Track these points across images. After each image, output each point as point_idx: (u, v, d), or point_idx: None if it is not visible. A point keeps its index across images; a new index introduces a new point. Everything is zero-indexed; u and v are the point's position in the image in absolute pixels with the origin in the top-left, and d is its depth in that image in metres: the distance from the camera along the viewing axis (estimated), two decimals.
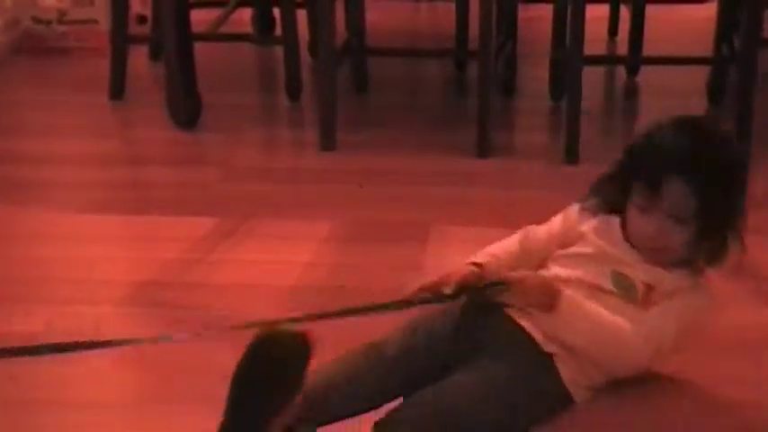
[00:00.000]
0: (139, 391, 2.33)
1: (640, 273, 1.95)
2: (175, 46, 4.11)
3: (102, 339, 1.68)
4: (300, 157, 4.16)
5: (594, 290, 1.95)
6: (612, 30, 5.14)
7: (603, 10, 4.98)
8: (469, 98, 4.30)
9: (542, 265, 2.13)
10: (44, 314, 2.72)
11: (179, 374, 1.71)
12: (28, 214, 3.44)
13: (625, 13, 4.86)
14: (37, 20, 5.03)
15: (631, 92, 4.85)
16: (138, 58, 4.72)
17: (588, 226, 2.13)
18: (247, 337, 1.63)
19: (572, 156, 3.88)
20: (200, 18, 4.39)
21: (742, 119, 3.79)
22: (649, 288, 1.93)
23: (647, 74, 4.77)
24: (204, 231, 3.26)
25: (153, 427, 2.11)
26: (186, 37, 4.16)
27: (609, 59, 5.02)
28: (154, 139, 4.31)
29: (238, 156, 4.08)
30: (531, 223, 2.69)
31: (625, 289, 1.93)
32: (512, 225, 3.47)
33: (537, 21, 4.87)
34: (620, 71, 4.86)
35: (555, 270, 2.05)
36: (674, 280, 1.94)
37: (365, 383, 1.88)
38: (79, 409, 2.25)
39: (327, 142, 4.07)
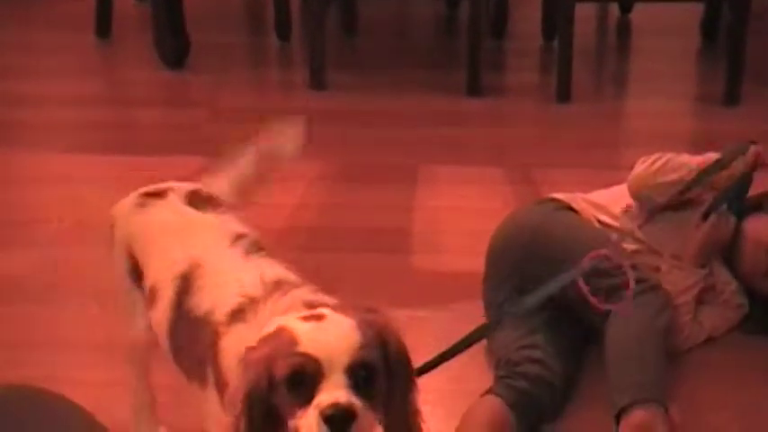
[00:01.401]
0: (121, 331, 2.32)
1: None
2: None
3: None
4: (289, 98, 4.11)
5: None
6: None
7: None
8: (460, 38, 4.25)
9: None
10: (31, 256, 2.70)
11: None
12: (14, 155, 3.40)
13: None
14: None
15: (624, 30, 4.80)
16: None
17: None
18: None
19: (564, 95, 3.85)
20: None
21: (734, 57, 3.77)
22: None
23: (640, 12, 4.72)
24: (191, 172, 3.21)
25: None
26: None
27: None
28: (141, 79, 4.26)
29: (226, 96, 4.04)
30: (521, 163, 2.66)
31: None
32: (502, 164, 3.47)
33: None
34: (614, 9, 4.80)
35: None
36: None
37: None
38: (69, 349, 2.24)
39: (317, 83, 4.03)
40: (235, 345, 1.25)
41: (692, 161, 2.21)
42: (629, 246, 2.19)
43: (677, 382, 2.09)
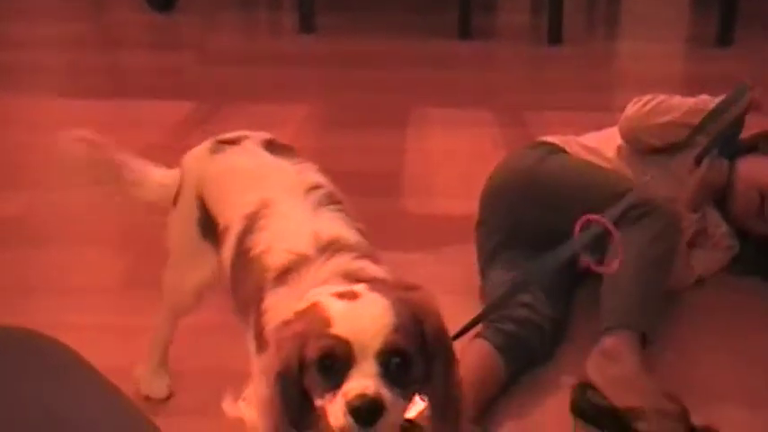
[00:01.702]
0: (124, 277, 2.32)
1: None
2: None
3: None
4: (279, 40, 4.08)
5: None
6: None
7: None
8: None
9: None
10: (23, 199, 2.68)
11: (163, 259, 1.71)
12: (1, 99, 3.37)
13: None
14: None
15: None
16: None
17: None
18: None
19: (555, 37, 3.82)
20: None
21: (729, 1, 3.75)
22: None
23: None
24: (181, 116, 3.21)
25: (136, 310, 2.10)
26: None
27: None
28: (128, 21, 4.22)
29: (215, 39, 4.00)
30: (513, 105, 2.65)
31: None
32: (493, 107, 3.46)
33: None
34: None
35: None
36: None
37: None
38: (67, 293, 2.24)
39: (306, 25, 3.99)
40: (274, 307, 1.24)
41: (685, 103, 2.20)
42: None
43: (669, 324, 2.11)
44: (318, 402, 1.16)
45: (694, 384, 1.93)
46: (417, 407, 1.74)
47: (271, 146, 1.56)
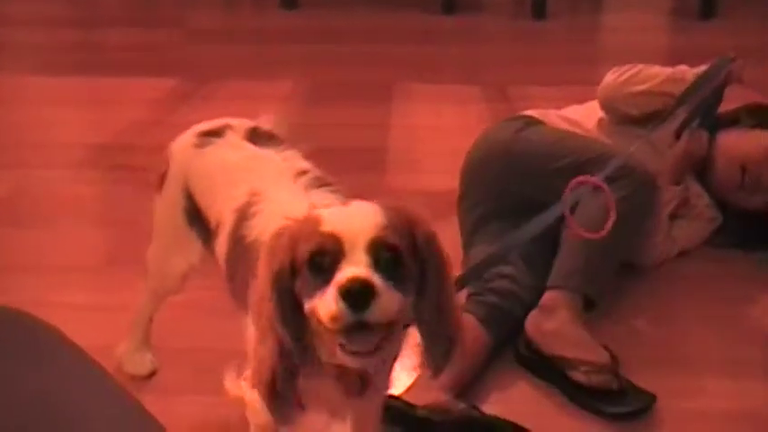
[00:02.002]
0: (107, 255, 2.31)
1: None
2: None
3: None
4: (261, 16, 4.05)
5: None
6: None
7: None
8: None
9: None
10: (4, 178, 2.66)
11: (145, 238, 1.70)
12: None
13: None
14: None
15: None
16: None
17: None
18: None
19: (539, 11, 3.81)
20: None
21: None
22: None
23: None
24: (163, 93, 3.19)
25: (119, 288, 2.09)
26: None
27: None
28: None
29: (197, 15, 3.97)
30: (497, 80, 2.63)
31: None
32: (478, 82, 3.45)
33: None
34: None
35: None
36: None
37: None
38: (50, 272, 2.23)
39: (289, 1, 3.97)
40: None
41: (663, 72, 2.20)
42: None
43: (654, 295, 2.12)
44: (308, 305, 1.15)
45: (677, 354, 1.94)
46: (404, 382, 1.75)
47: (254, 135, 1.54)
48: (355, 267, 1.11)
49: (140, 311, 1.82)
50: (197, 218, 1.54)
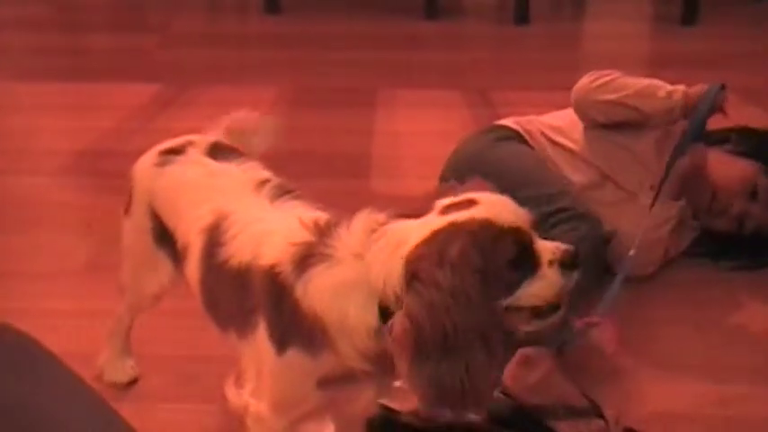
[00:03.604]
0: (87, 261, 2.29)
1: None
2: None
3: None
4: (244, 22, 4.04)
5: None
6: None
7: None
8: None
9: None
10: None
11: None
12: None
13: None
14: None
15: None
16: None
17: None
18: None
19: (522, 16, 3.81)
20: None
21: None
22: None
23: None
24: (144, 99, 3.17)
25: (99, 295, 2.07)
26: None
27: None
28: (91, 2, 4.15)
29: (180, 20, 3.95)
30: (480, 86, 2.63)
31: None
32: (461, 87, 3.45)
33: None
34: None
35: None
36: None
37: None
38: (29, 278, 2.21)
39: (272, 6, 3.96)
40: (319, 289, 1.19)
41: (635, 85, 2.19)
42: (587, 178, 2.20)
43: (635, 300, 2.12)
44: (508, 302, 1.17)
45: (660, 358, 1.95)
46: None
47: (215, 150, 1.54)
48: (552, 245, 1.19)
49: (118, 321, 1.81)
50: (165, 238, 1.53)
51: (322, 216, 1.31)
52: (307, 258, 1.22)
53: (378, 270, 1.16)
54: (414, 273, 1.13)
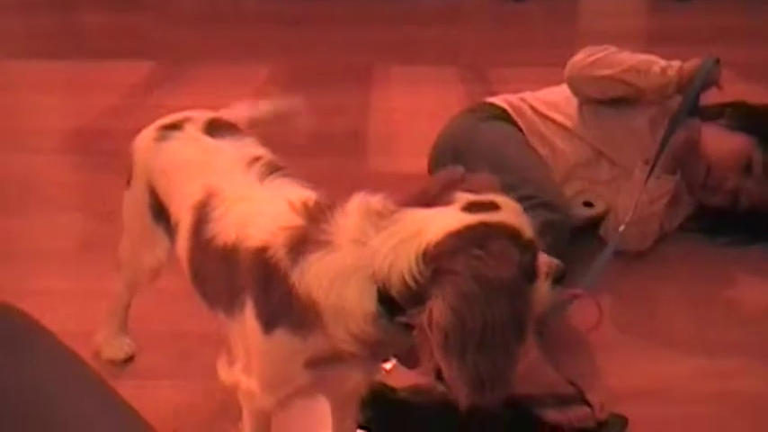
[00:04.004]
0: (83, 241, 2.30)
1: None
2: None
3: None
4: (239, 0, 4.02)
5: None
6: None
7: None
8: None
9: None
10: None
11: (122, 222, 1.69)
12: None
13: None
14: None
15: None
16: None
17: None
18: None
19: None
20: None
21: None
22: None
23: None
24: (140, 77, 3.16)
25: (95, 274, 2.08)
26: None
27: None
28: None
29: None
30: (476, 62, 2.62)
31: None
32: (457, 64, 3.44)
33: None
34: None
35: None
36: None
37: None
38: (28, 258, 2.22)
39: None
40: (319, 274, 1.19)
41: (628, 61, 2.18)
42: (582, 155, 2.21)
43: (629, 275, 2.13)
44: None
45: (654, 334, 1.96)
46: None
47: (213, 126, 1.54)
48: (543, 255, 1.23)
49: (116, 299, 1.82)
50: (163, 214, 1.54)
51: (311, 197, 1.31)
52: (302, 244, 1.23)
53: (384, 257, 1.17)
54: (446, 265, 1.14)
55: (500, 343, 1.15)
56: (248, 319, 1.29)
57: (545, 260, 1.22)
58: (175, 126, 1.55)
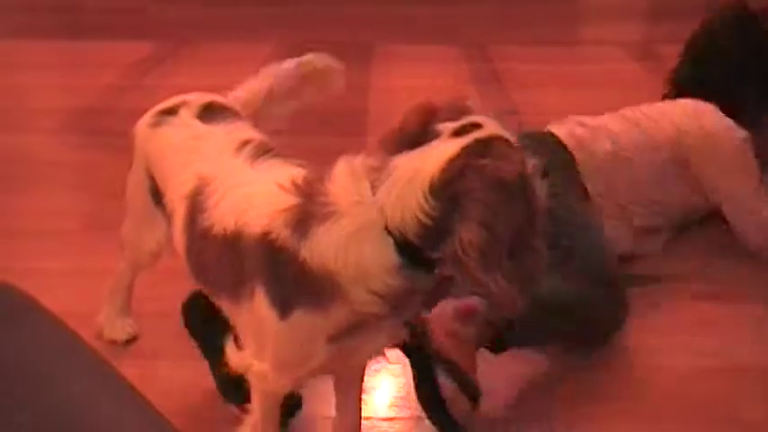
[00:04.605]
0: (86, 220, 2.29)
1: None
2: None
3: None
4: None
5: None
6: None
7: None
8: None
9: None
10: None
11: (124, 203, 1.69)
12: None
13: None
14: None
15: None
16: None
17: None
18: None
19: None
20: None
21: None
22: None
23: None
24: (139, 56, 3.15)
25: (98, 253, 2.08)
26: None
27: None
28: None
29: None
30: (477, 40, 2.61)
31: None
32: (458, 42, 3.43)
33: None
34: None
35: None
36: None
37: None
38: (28, 237, 2.21)
39: None
40: (338, 240, 1.19)
41: None
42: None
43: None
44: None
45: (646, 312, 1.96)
46: None
47: (208, 111, 1.53)
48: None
49: (119, 279, 1.82)
50: (161, 198, 1.53)
51: (299, 174, 1.31)
52: (305, 221, 1.22)
53: (393, 206, 1.17)
54: (460, 187, 1.16)
55: (528, 240, 1.19)
56: (260, 307, 1.28)
57: (530, 161, 1.21)
58: (171, 111, 1.55)
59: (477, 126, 1.21)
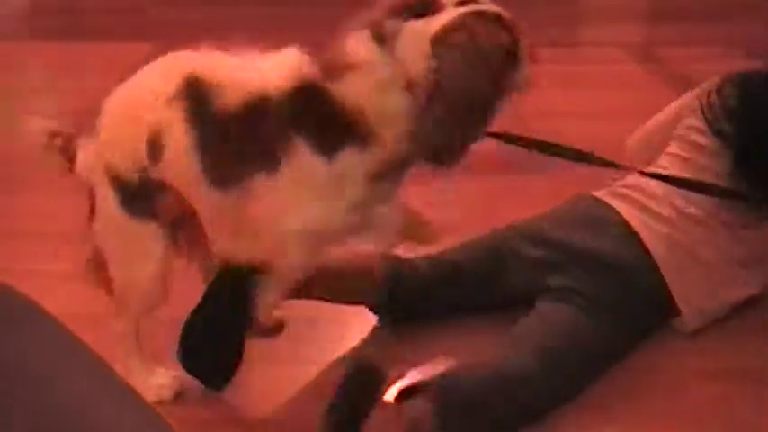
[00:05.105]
0: (85, 222, 2.29)
1: None
2: None
3: None
4: None
5: None
6: None
7: None
8: None
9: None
10: None
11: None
12: None
13: None
14: None
15: None
16: None
17: None
18: None
19: None
20: None
21: None
22: None
23: None
24: (140, 58, 3.14)
25: None
26: None
27: None
28: None
29: None
30: None
31: None
32: None
33: None
34: None
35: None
36: None
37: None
38: (29, 240, 2.21)
39: None
40: (365, 86, 1.36)
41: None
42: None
43: None
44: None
45: None
46: None
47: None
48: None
49: (123, 340, 1.70)
50: (139, 201, 1.52)
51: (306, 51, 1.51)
52: (333, 70, 1.40)
53: (411, 59, 1.34)
54: (449, 40, 1.34)
55: (476, 114, 1.36)
56: (302, 159, 1.35)
57: (526, 43, 1.42)
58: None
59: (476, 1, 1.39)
